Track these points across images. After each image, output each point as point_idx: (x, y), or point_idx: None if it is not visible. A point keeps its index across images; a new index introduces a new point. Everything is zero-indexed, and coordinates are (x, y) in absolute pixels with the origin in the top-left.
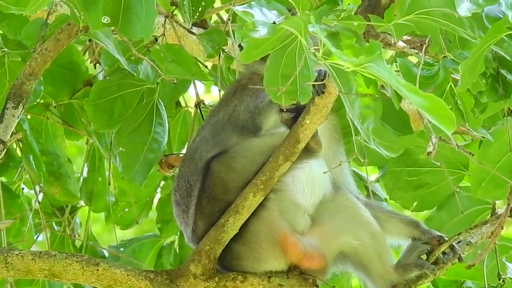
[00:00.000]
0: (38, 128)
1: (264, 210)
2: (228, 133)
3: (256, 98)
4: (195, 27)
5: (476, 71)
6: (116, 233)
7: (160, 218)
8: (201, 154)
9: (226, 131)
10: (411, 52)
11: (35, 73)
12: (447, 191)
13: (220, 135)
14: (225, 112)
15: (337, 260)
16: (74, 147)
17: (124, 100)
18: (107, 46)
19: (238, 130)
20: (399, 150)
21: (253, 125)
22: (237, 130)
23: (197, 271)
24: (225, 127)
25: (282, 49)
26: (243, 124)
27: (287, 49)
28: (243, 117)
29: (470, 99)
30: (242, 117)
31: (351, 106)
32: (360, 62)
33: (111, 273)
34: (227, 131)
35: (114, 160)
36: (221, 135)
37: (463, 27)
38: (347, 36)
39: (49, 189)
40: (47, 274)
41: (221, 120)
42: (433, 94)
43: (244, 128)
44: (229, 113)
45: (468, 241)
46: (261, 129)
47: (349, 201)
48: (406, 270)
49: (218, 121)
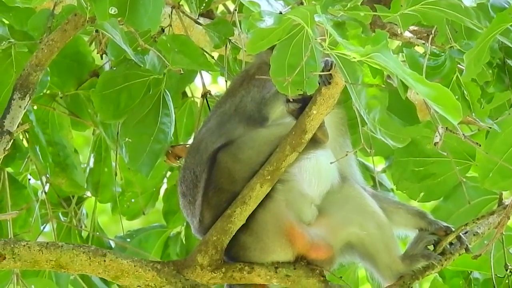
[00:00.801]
0: (44, 119)
1: (271, 200)
2: (234, 124)
3: (263, 89)
4: (201, 18)
5: (481, 61)
6: (123, 223)
7: (167, 209)
8: (207, 145)
9: (232, 121)
10: (418, 43)
11: (41, 64)
12: (454, 182)
13: (226, 126)
14: (232, 102)
15: (344, 251)
16: (81, 138)
17: (131, 91)
18: (113, 36)
19: (244, 120)
20: (405, 140)
21: (260, 115)
22: (244, 120)
23: (204, 262)
24: (232, 118)
25: (288, 40)
26: (250, 114)
27: (294, 39)
28: (249, 108)
29: (476, 89)
30: (248, 108)
31: (357, 96)
32: (366, 52)
33: (118, 264)
34: (233, 122)
35: (120, 150)
36: (227, 125)
37: (469, 17)
38: (353, 26)
39: (56, 180)
40: (53, 265)
41: (227, 111)
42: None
43: (251, 119)
44: (236, 103)
45: (475, 231)
46: (267, 119)
47: (356, 192)
48: (413, 261)
49: (225, 112)
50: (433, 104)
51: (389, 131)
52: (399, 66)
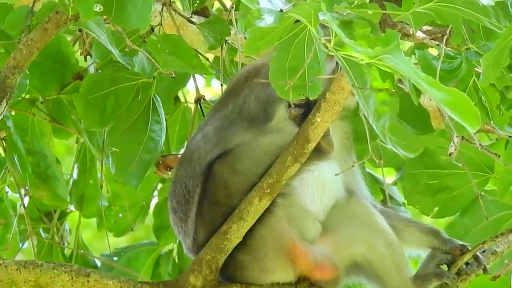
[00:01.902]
0: (23, 125)
1: (271, 216)
2: (235, 129)
3: (268, 86)
4: (195, 16)
5: (500, 64)
6: (109, 240)
7: (157, 224)
8: (200, 156)
9: (233, 126)
10: (431, 44)
11: (20, 66)
12: (471, 196)
13: (225, 132)
14: (235, 104)
15: (349, 271)
16: (63, 146)
17: (118, 96)
18: (99, 36)
19: (247, 124)
20: (418, 150)
21: (264, 115)
22: (246, 124)
23: (197, 283)
24: (233, 122)
25: (289, 40)
26: (253, 116)
27: (295, 39)
28: (254, 108)
29: (495, 94)
30: (253, 108)
31: (365, 102)
32: (376, 53)
33: (103, 285)
34: (235, 127)
35: (106, 161)
36: (227, 132)
37: (487, 16)
38: (361, 25)
39: (36, 193)
40: (32, 285)
41: (229, 115)
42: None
43: (254, 120)
44: (240, 105)
45: (494, 250)
46: (272, 119)
47: (363, 207)
48: (425, 281)
49: (226, 116)
50: (448, 110)
51: (400, 140)
52: (412, 69)
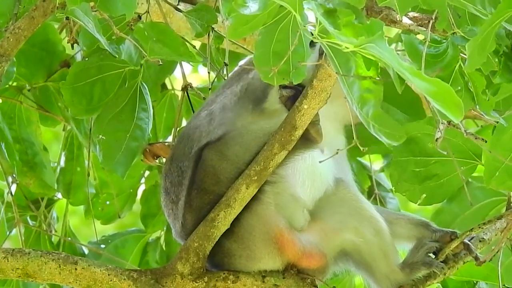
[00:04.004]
0: (10, 113)
1: (258, 203)
2: (241, 107)
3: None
4: (182, 3)
5: (486, 49)
6: (97, 228)
7: (145, 212)
8: (201, 135)
9: (239, 104)
10: (418, 30)
11: (7, 54)
12: (458, 183)
13: (232, 111)
14: (245, 81)
15: (338, 259)
16: (50, 134)
17: (105, 83)
18: (85, 24)
19: (251, 103)
20: (401, 138)
21: (263, 93)
22: (251, 106)
23: (184, 270)
24: (240, 100)
25: (274, 24)
26: (256, 95)
27: (280, 24)
28: (257, 87)
29: (481, 79)
30: (257, 87)
31: (349, 89)
32: (360, 43)
33: (90, 273)
34: (241, 105)
35: (94, 148)
36: (234, 110)
37: (472, 2)
38: (345, 14)
39: (23, 180)
40: (20, 273)
41: (238, 92)
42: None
43: (256, 100)
44: (248, 82)
45: (481, 237)
46: (266, 98)
47: (351, 195)
48: (413, 269)
49: (235, 93)
50: (432, 100)
51: (383, 127)
52: (395, 59)
